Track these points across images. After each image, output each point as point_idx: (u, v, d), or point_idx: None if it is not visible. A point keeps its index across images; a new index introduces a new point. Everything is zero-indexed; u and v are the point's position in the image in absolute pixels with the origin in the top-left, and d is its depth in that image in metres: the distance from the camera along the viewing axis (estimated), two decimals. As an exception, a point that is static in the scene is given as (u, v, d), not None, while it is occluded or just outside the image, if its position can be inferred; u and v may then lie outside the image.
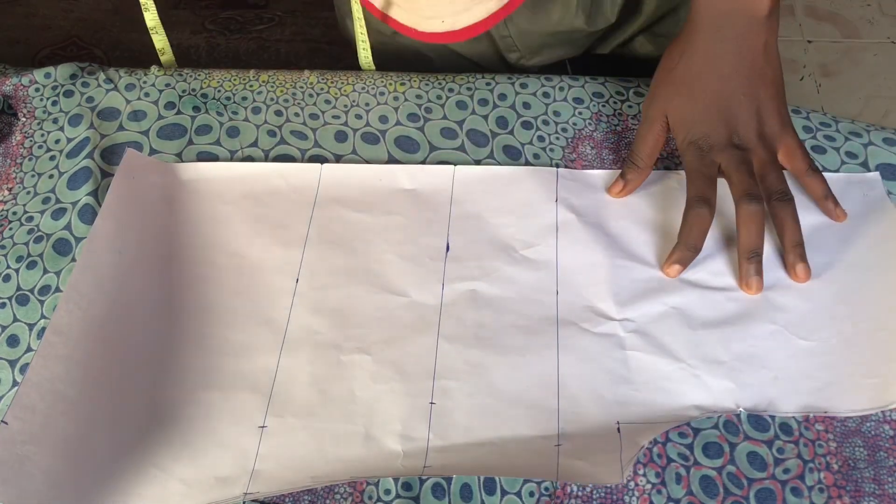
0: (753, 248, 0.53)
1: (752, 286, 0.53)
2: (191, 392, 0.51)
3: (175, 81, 0.66)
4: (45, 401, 0.46)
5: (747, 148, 0.55)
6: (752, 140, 0.55)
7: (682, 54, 0.56)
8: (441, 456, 0.48)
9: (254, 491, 0.47)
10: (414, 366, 0.52)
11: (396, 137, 0.63)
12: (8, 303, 0.54)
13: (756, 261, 0.53)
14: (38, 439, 0.44)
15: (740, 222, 0.53)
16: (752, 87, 0.55)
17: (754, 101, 0.55)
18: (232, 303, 0.55)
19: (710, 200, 0.54)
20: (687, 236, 0.54)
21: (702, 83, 0.56)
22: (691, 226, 0.54)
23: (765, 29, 0.55)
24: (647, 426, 0.49)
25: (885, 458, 0.48)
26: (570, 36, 0.73)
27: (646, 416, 0.49)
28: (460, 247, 0.57)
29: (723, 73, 0.55)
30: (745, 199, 0.53)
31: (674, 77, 0.57)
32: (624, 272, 0.55)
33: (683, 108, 0.56)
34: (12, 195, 0.60)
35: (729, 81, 0.55)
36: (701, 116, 0.55)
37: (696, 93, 0.56)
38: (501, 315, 0.54)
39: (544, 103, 0.64)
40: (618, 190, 0.59)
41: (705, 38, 0.56)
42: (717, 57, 0.55)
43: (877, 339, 0.51)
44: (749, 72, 0.55)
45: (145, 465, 0.48)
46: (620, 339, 0.52)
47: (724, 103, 0.55)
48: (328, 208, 0.59)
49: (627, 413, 0.49)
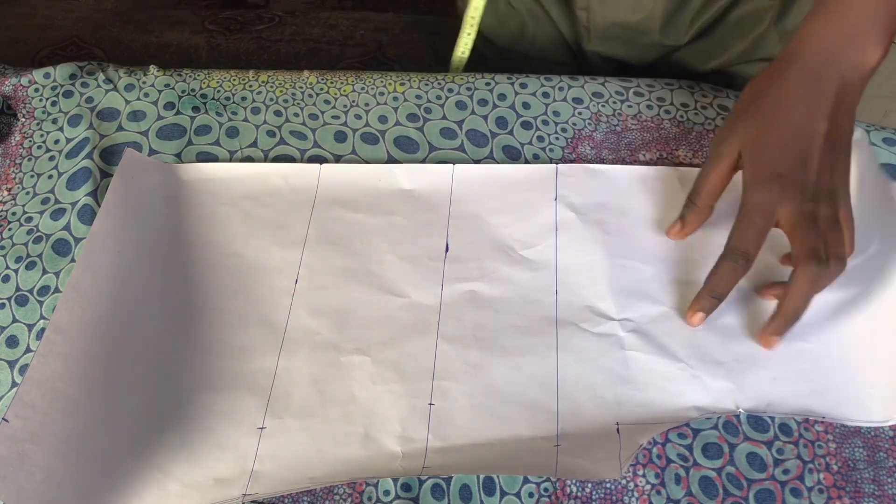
0: (800, 311, 0.49)
1: (772, 345, 0.51)
2: (190, 392, 0.51)
3: (174, 81, 0.66)
4: (45, 399, 0.46)
5: (817, 201, 0.49)
6: (823, 194, 0.50)
7: (770, 86, 0.52)
8: (440, 457, 0.48)
9: (253, 492, 0.47)
10: (413, 366, 0.52)
11: (396, 137, 0.63)
12: (7, 303, 0.54)
13: (793, 322, 0.49)
14: (37, 437, 0.44)
15: (797, 283, 0.48)
16: (834, 137, 0.50)
17: (833, 153, 0.50)
18: (231, 303, 0.55)
19: (750, 257, 0.50)
20: (715, 286, 0.51)
21: (788, 119, 0.51)
22: (722, 276, 0.50)
23: (863, 82, 0.51)
24: (646, 426, 0.49)
25: (884, 459, 0.48)
26: (640, 36, 0.71)
27: (645, 417, 0.49)
28: (460, 247, 0.57)
29: (813, 115, 0.50)
30: (810, 261, 0.48)
31: (757, 108, 0.52)
32: (623, 272, 0.55)
33: (761, 142, 0.51)
34: (11, 196, 0.60)
35: (817, 125, 0.50)
36: (779, 154, 0.50)
37: (778, 128, 0.51)
38: (501, 315, 0.54)
39: (544, 103, 0.64)
40: (675, 231, 0.56)
41: (801, 75, 0.51)
42: (810, 97, 0.51)
43: (877, 343, 0.51)
44: (836, 122, 0.50)
45: (144, 466, 0.48)
46: (620, 339, 0.52)
47: (806, 145, 0.50)
48: (327, 208, 0.59)
49: (627, 413, 0.49)
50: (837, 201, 0.50)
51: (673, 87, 0.65)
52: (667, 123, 0.63)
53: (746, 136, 0.52)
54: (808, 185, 0.49)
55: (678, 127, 0.63)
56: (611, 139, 0.62)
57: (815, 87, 0.51)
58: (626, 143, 0.62)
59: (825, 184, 0.49)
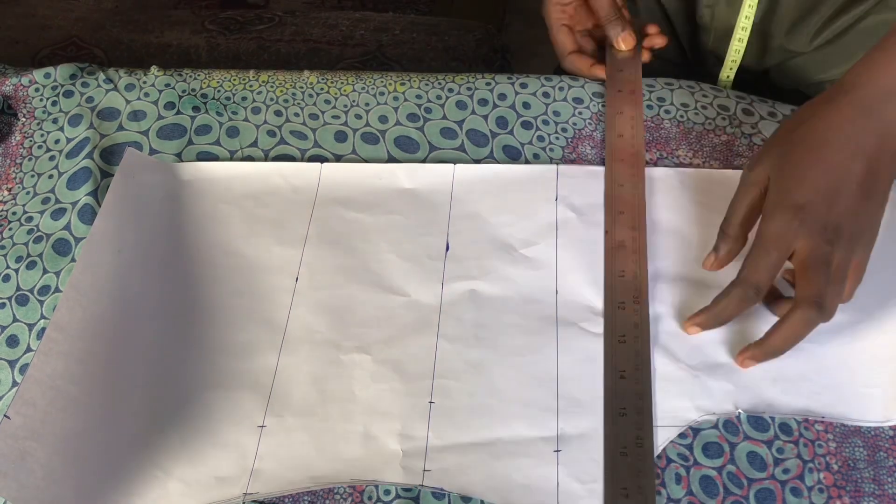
0: (782, 350, 0.49)
1: (747, 367, 0.50)
2: (190, 391, 0.51)
3: (175, 81, 0.66)
4: (46, 397, 0.46)
5: (834, 244, 0.47)
6: (843, 239, 0.47)
7: (812, 116, 0.50)
8: (440, 456, 0.48)
9: (253, 491, 0.47)
10: (413, 365, 0.52)
11: (396, 137, 0.63)
12: (7, 303, 0.54)
13: (772, 356, 0.49)
14: (38, 435, 0.44)
15: (789, 324, 0.47)
16: (869, 182, 0.47)
17: (866, 199, 0.47)
18: (232, 302, 0.55)
19: (761, 289, 0.48)
20: (720, 312, 0.50)
21: (822, 151, 0.48)
22: (729, 304, 0.49)
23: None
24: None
25: (884, 458, 0.48)
26: (764, 39, 0.69)
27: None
28: (460, 246, 0.57)
29: (850, 152, 0.47)
30: (811, 308, 0.46)
31: (792, 138, 0.50)
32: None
33: (789, 169, 0.49)
34: (12, 195, 0.60)
35: (853, 164, 0.47)
36: (806, 185, 0.48)
37: (810, 157, 0.48)
38: (501, 315, 0.54)
39: (544, 103, 0.64)
40: (710, 263, 0.54)
41: (848, 108, 0.48)
42: (852, 133, 0.48)
43: (876, 344, 0.51)
44: (874, 166, 0.47)
45: (144, 464, 0.48)
46: (620, 338, 0.52)
47: (836, 182, 0.47)
48: (328, 208, 0.59)
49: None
50: (854, 249, 0.48)
51: (673, 87, 0.65)
52: (667, 123, 0.63)
53: (776, 163, 0.49)
54: (829, 224, 0.47)
55: (678, 127, 0.63)
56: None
57: (861, 123, 0.48)
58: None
59: (847, 228, 0.47)
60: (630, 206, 0.57)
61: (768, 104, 0.64)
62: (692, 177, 0.60)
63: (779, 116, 0.63)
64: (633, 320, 0.52)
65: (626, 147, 0.60)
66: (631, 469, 0.47)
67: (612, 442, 0.48)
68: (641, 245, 0.55)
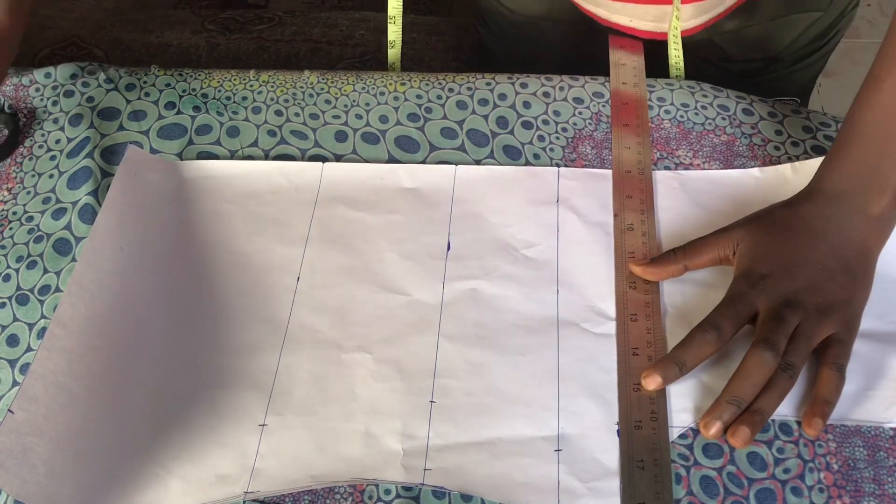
0: (740, 397, 0.48)
1: (711, 429, 0.47)
2: (191, 389, 0.51)
3: (175, 81, 0.66)
4: (48, 393, 0.46)
5: (795, 309, 0.50)
6: (806, 309, 0.50)
7: (785, 206, 0.55)
8: (441, 455, 0.48)
9: (254, 489, 0.47)
10: (414, 364, 0.52)
11: (397, 137, 0.63)
12: (8, 302, 0.54)
13: (733, 408, 0.47)
14: (40, 431, 0.45)
15: (744, 366, 0.48)
16: (833, 263, 0.51)
17: (827, 274, 0.51)
18: (233, 301, 0.55)
19: (723, 332, 0.49)
20: (681, 353, 0.50)
21: (787, 233, 0.53)
22: (689, 346, 0.50)
23: (871, 228, 0.53)
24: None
25: (884, 458, 0.48)
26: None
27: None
28: (461, 246, 0.57)
29: (812, 233, 0.53)
30: (763, 346, 0.48)
31: (762, 218, 0.54)
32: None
33: (756, 242, 0.53)
34: (12, 195, 0.60)
35: (815, 244, 0.52)
36: (770, 258, 0.52)
37: (777, 237, 0.53)
38: (502, 314, 0.54)
39: (544, 103, 0.64)
40: (639, 267, 0.55)
41: (814, 202, 0.54)
42: (814, 220, 0.53)
43: (876, 345, 0.51)
44: (835, 251, 0.52)
45: (145, 462, 0.48)
46: (621, 338, 0.52)
47: (799, 259, 0.52)
48: (329, 207, 0.59)
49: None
50: (821, 322, 0.50)
51: (673, 87, 0.65)
52: (667, 123, 0.63)
53: (743, 235, 0.53)
54: (790, 294, 0.50)
55: (678, 127, 0.63)
56: (611, 139, 0.62)
57: (824, 212, 0.53)
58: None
59: (812, 299, 0.50)
60: (638, 189, 0.59)
61: (768, 104, 0.64)
62: (690, 178, 0.60)
63: (778, 116, 0.63)
64: (645, 299, 0.54)
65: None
66: (646, 442, 0.48)
67: (625, 416, 0.49)
68: (650, 228, 0.57)
